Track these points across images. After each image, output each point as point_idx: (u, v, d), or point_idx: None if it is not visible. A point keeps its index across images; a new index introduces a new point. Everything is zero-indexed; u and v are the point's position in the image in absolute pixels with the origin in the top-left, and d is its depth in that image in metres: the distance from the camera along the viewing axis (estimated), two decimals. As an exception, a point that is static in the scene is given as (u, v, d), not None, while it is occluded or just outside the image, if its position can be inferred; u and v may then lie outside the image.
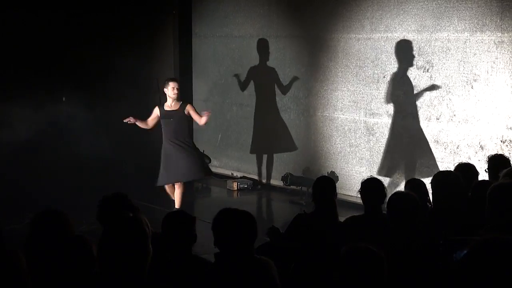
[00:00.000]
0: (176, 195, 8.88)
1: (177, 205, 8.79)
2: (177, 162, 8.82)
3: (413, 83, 9.02)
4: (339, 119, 9.99)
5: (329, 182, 5.62)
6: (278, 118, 10.88)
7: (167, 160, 8.84)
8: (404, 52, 9.09)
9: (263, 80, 11.08)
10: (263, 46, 11.01)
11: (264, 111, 11.13)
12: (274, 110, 10.93)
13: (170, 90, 8.75)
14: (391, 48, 9.23)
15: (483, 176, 6.28)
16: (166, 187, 9.05)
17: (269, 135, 11.14)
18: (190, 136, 9.24)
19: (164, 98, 8.98)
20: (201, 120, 8.84)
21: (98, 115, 10.67)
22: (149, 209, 8.61)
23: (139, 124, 8.92)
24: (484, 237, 2.45)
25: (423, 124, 8.96)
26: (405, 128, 9.18)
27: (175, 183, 8.90)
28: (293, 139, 10.73)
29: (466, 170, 5.80)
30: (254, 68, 11.15)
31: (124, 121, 8.87)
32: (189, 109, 8.87)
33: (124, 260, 3.01)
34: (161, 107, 8.86)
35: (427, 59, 8.85)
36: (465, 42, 8.46)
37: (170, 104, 8.81)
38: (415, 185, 5.60)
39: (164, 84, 8.90)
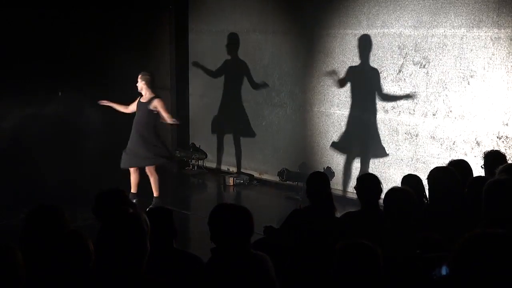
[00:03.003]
0: (152, 183, 9.16)
1: (155, 194, 9.19)
2: (135, 149, 9.08)
3: (410, 79, 9.02)
4: (335, 114, 9.98)
5: (322, 177, 5.62)
6: (240, 106, 11.36)
7: (129, 144, 9.15)
8: (401, 48, 9.09)
9: (234, 72, 11.46)
10: (234, 40, 11.37)
11: (228, 99, 11.60)
12: (238, 100, 11.40)
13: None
14: (387, 44, 9.23)
15: (479, 172, 6.28)
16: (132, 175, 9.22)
17: (230, 120, 11.61)
18: (153, 132, 9.14)
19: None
20: (168, 119, 9.05)
21: (94, 110, 10.63)
22: (147, 205, 8.59)
23: (116, 107, 9.29)
24: (472, 232, 2.46)
25: (419, 120, 8.97)
26: (401, 124, 9.18)
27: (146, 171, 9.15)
28: (251, 126, 11.24)
29: (459, 166, 5.79)
30: (227, 60, 11.50)
31: (100, 103, 9.25)
32: (155, 104, 9.02)
33: (122, 256, 3.01)
34: (140, 97, 9.17)
35: (423, 55, 8.85)
36: (461, 38, 8.46)
37: (144, 96, 9.12)
38: (411, 181, 5.60)
39: None
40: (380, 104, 9.39)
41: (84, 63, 10.86)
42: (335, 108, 9.97)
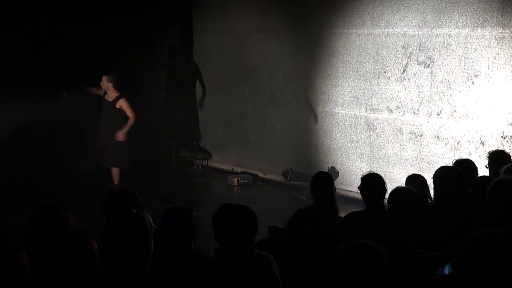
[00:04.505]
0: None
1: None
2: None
3: (414, 79, 9.01)
4: (340, 114, 9.98)
5: (326, 177, 5.62)
6: (194, 109, 11.99)
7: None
8: (405, 47, 9.08)
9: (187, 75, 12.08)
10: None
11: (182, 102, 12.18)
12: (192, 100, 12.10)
13: None
14: (392, 44, 9.21)
15: (484, 172, 6.27)
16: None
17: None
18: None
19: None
20: (131, 118, 9.42)
21: (98, 110, 10.64)
22: (149, 204, 8.59)
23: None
24: (476, 232, 2.46)
25: (423, 119, 8.96)
26: (405, 124, 9.17)
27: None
28: (200, 130, 11.92)
29: (464, 166, 5.77)
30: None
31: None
32: (121, 103, 9.40)
33: (126, 256, 3.01)
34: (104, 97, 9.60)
35: (427, 55, 8.84)
36: (466, 37, 8.45)
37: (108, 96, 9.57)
38: (415, 181, 5.59)
39: None
40: (384, 104, 9.38)
41: (87, 64, 10.86)
42: (339, 108, 9.97)
